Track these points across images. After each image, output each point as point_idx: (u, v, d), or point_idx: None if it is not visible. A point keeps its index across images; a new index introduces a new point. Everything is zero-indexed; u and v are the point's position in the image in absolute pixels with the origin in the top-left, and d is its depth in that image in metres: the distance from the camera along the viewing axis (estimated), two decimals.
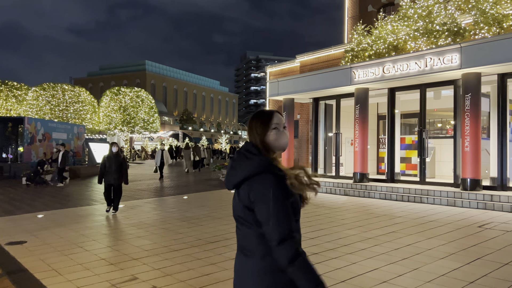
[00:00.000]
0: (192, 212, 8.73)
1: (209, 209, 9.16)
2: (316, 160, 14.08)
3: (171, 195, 11.95)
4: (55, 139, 25.08)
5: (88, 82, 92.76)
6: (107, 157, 8.42)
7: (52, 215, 8.46)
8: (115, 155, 8.39)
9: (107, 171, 8.34)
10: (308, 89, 13.16)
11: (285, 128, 1.74)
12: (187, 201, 10.53)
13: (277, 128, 1.70)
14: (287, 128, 9.04)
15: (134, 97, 37.63)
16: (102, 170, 8.43)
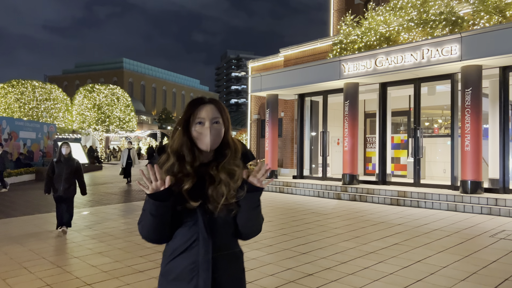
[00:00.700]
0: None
1: None
2: (301, 160, 13.17)
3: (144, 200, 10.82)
4: (23, 139, 23.43)
5: (63, 80, 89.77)
6: (56, 162, 6.58)
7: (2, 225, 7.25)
8: (66, 159, 6.56)
9: (55, 179, 6.50)
10: (293, 84, 12.24)
11: (217, 123, 1.53)
12: None
13: (202, 123, 1.52)
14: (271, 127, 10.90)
15: (109, 94, 36.02)
16: (48, 177, 6.56)
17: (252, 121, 16.58)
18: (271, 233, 6.41)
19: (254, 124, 16.51)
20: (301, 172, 13.14)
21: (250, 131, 16.66)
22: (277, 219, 7.59)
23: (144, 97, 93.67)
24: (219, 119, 1.53)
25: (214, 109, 1.53)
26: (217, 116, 1.52)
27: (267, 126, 13.24)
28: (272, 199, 10.58)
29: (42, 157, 24.84)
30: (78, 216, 8.24)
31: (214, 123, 1.51)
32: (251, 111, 16.69)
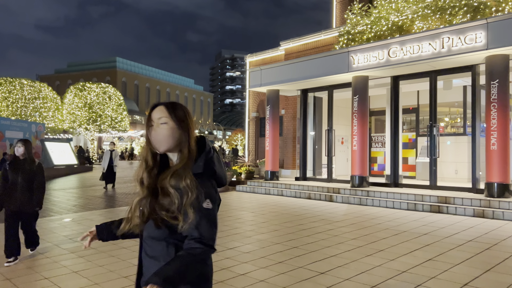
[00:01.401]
0: None
1: None
2: (304, 161, 12.26)
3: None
4: (9, 138, 22.30)
5: (55, 80, 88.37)
6: (9, 165, 4.94)
7: None
8: (21, 162, 4.90)
9: (8, 189, 4.86)
10: (295, 79, 11.33)
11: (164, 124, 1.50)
12: None
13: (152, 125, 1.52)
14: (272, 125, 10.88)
15: (100, 93, 34.90)
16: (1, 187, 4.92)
17: (250, 119, 15.66)
18: (280, 246, 5.48)
19: (252, 122, 15.59)
20: (304, 174, 12.23)
21: (248, 130, 15.73)
22: (284, 228, 6.66)
23: (138, 97, 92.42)
24: (167, 119, 1.50)
25: (162, 110, 1.52)
26: (163, 116, 1.50)
27: (268, 124, 12.32)
28: (275, 203, 9.66)
29: None
30: (58, 224, 7.27)
31: (161, 123, 1.50)
32: (249, 108, 15.76)
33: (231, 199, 10.59)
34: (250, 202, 9.93)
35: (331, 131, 11.53)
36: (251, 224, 7.06)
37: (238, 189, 12.15)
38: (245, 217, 7.80)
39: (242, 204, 9.62)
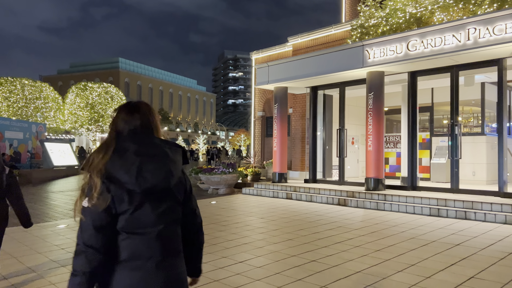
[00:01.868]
0: None
1: None
2: (314, 162, 11.63)
3: None
4: (9, 139, 21.78)
5: (58, 80, 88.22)
6: None
7: None
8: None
9: None
10: (305, 75, 10.70)
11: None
12: None
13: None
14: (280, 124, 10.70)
15: (102, 93, 34.43)
16: None
17: (256, 118, 15.04)
18: (296, 259, 4.85)
19: (258, 122, 14.97)
20: (313, 176, 11.59)
21: (253, 130, 15.11)
22: (299, 237, 6.03)
23: (141, 98, 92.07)
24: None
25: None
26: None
27: (275, 123, 11.70)
28: (285, 207, 9.03)
29: (30, 159, 23.19)
30: (51, 232, 6.67)
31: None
32: (254, 107, 15.14)
33: (237, 202, 9.97)
34: (258, 206, 9.31)
35: (343, 131, 10.89)
36: (261, 232, 6.44)
37: (245, 192, 11.53)
38: (254, 223, 7.18)
39: (250, 208, 9.00)
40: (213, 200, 10.38)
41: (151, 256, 1.53)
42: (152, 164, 1.52)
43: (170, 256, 1.58)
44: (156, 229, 1.55)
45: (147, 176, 1.50)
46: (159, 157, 1.54)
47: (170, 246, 1.58)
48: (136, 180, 1.49)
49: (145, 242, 1.53)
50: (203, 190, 12.40)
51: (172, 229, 1.61)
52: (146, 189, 1.51)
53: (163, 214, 1.56)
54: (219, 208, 9.08)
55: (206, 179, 11.50)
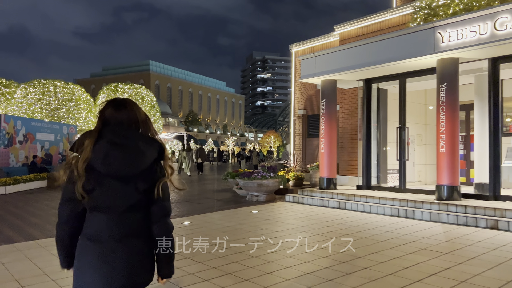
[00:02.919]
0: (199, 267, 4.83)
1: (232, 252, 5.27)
2: (368, 165, 10.17)
3: None
4: (40, 141, 21.40)
5: (91, 83, 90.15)
6: None
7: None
8: None
9: None
10: (358, 65, 9.28)
11: None
12: (191, 231, 6.64)
13: None
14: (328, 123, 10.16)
15: (133, 94, 34.00)
16: None
17: (296, 117, 13.69)
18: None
19: (298, 120, 13.62)
20: (367, 181, 10.14)
21: (293, 130, 13.77)
22: (376, 265, 4.65)
23: (171, 99, 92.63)
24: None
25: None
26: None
27: (323, 121, 10.33)
28: (341, 220, 7.64)
29: (61, 161, 22.79)
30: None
31: None
32: (294, 105, 13.80)
33: (282, 213, 8.66)
34: (307, 217, 7.97)
35: (404, 129, 9.38)
36: (324, 255, 5.09)
37: (288, 200, 10.22)
38: (312, 242, 5.83)
39: (299, 220, 7.67)
40: (254, 208, 9.13)
41: (110, 234, 1.77)
42: (119, 152, 1.75)
43: (129, 237, 1.80)
44: (117, 211, 1.79)
45: (112, 161, 1.74)
46: (127, 148, 1.77)
47: (128, 228, 1.80)
48: (102, 164, 1.74)
49: (107, 221, 1.78)
50: (240, 197, 11.18)
51: (132, 214, 1.82)
52: (109, 172, 1.76)
53: (123, 197, 1.79)
54: (263, 219, 7.80)
55: (244, 184, 10.27)
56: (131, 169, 1.77)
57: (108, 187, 1.77)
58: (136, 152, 1.77)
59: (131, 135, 1.80)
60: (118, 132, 1.79)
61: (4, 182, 13.50)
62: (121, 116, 1.82)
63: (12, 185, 13.89)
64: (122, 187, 1.78)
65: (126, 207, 1.79)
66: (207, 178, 19.48)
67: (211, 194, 12.16)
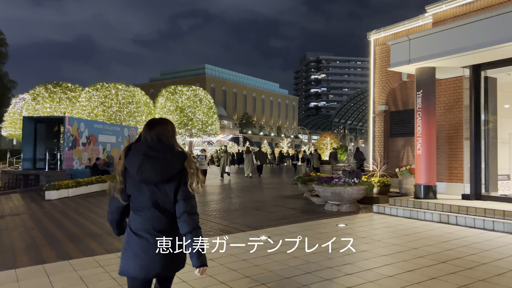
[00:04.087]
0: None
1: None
2: (478, 171, 8.32)
3: (239, 228, 6.91)
4: (102, 143, 21.43)
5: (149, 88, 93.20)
6: None
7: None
8: None
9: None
10: (469, 47, 7.50)
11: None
12: (277, 252, 5.34)
13: None
14: (426, 118, 8.53)
15: (191, 96, 33.79)
16: None
17: (377, 114, 12.00)
18: None
19: (379, 118, 11.92)
20: (476, 190, 8.28)
21: (373, 129, 12.09)
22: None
23: (225, 102, 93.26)
24: None
25: None
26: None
27: (419, 117, 8.63)
28: (460, 241, 5.97)
29: None
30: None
31: None
32: (374, 100, 12.12)
33: (376, 228, 7.12)
34: (411, 235, 6.38)
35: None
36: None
37: (377, 210, 8.64)
38: (446, 282, 4.29)
39: (403, 240, 6.10)
40: (339, 221, 7.67)
41: (146, 230, 2.22)
42: (150, 163, 2.18)
43: (161, 232, 2.22)
44: (150, 211, 2.22)
45: (144, 170, 2.17)
46: (156, 159, 2.19)
47: (159, 225, 2.22)
48: (137, 173, 2.19)
49: (143, 219, 2.23)
50: (316, 205, 9.77)
51: (162, 213, 2.23)
52: (143, 179, 2.19)
53: (155, 200, 2.22)
54: (356, 237, 6.34)
55: (323, 192, 8.84)
56: (160, 176, 2.19)
57: (142, 191, 2.22)
58: (164, 162, 2.19)
59: (161, 149, 2.24)
60: (150, 146, 2.23)
61: (67, 185, 13.16)
62: (153, 133, 2.28)
63: (75, 188, 13.56)
64: (153, 191, 2.21)
65: (158, 207, 2.22)
66: (271, 182, 18.24)
67: (281, 201, 10.86)
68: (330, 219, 7.95)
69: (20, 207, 10.90)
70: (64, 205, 11.06)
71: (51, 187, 12.62)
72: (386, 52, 11.80)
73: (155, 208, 2.21)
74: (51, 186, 12.63)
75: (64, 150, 18.38)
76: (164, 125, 2.32)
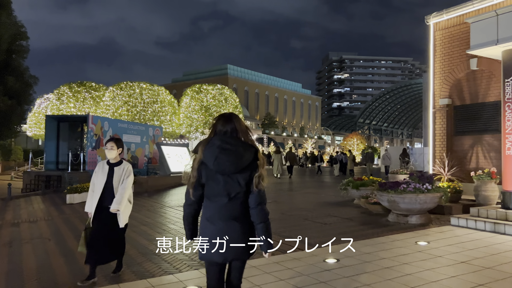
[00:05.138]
0: None
1: None
2: None
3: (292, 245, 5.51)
4: (126, 143, 20.43)
5: (172, 88, 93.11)
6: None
7: None
8: None
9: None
10: None
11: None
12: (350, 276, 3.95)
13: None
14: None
15: (217, 95, 32.68)
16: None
17: (437, 108, 10.42)
18: None
19: (440, 113, 10.34)
20: None
21: (433, 126, 10.51)
22: None
23: (248, 102, 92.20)
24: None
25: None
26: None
27: (509, 110, 7.08)
28: None
29: (147, 164, 21.72)
30: None
31: None
32: (434, 93, 10.54)
33: (469, 248, 5.61)
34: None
35: None
36: None
37: (455, 223, 7.11)
38: None
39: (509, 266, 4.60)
40: (416, 238, 6.21)
41: (219, 217, 2.42)
42: (225, 156, 2.38)
43: (233, 219, 2.42)
44: (224, 199, 2.41)
45: (220, 162, 2.38)
46: (231, 152, 2.38)
47: (232, 213, 2.42)
48: (213, 164, 2.39)
49: (217, 207, 2.43)
50: (374, 214, 8.32)
51: (235, 202, 2.43)
52: (218, 170, 2.40)
53: (228, 189, 2.42)
54: (452, 261, 4.87)
55: (388, 200, 7.37)
56: (234, 168, 2.38)
57: (218, 181, 2.42)
58: (237, 155, 2.38)
59: (234, 142, 2.41)
60: (224, 140, 2.41)
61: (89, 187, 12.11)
62: (226, 127, 2.47)
63: None
64: (227, 181, 2.41)
65: (231, 196, 2.41)
66: (305, 184, 16.79)
67: (330, 208, 9.43)
68: (402, 234, 6.49)
69: (39, 212, 9.88)
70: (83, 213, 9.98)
71: (72, 190, 11.59)
72: (449, 38, 10.22)
73: (228, 196, 2.41)
74: (72, 189, 11.60)
75: (87, 150, 17.46)
76: (235, 119, 2.50)
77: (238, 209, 2.41)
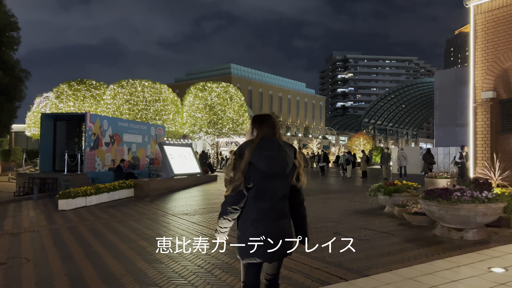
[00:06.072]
0: None
1: None
2: None
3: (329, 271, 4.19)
4: (127, 143, 19.18)
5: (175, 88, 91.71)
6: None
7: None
8: None
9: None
10: None
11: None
12: None
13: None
14: None
15: (221, 93, 31.40)
16: None
17: (479, 103, 9.11)
18: None
19: (483, 108, 9.03)
20: None
21: (473, 123, 9.20)
22: None
23: (251, 102, 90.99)
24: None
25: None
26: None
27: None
28: None
29: (149, 165, 20.47)
30: None
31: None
32: (475, 85, 9.23)
33: None
34: None
35: None
36: None
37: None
38: None
39: None
40: (487, 261, 4.91)
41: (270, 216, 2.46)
42: (275, 158, 2.44)
43: (281, 218, 2.50)
44: (274, 199, 2.46)
45: (272, 164, 2.43)
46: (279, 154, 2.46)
47: (281, 211, 2.50)
48: (264, 167, 2.42)
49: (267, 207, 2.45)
50: (416, 227, 7.02)
51: (283, 201, 2.51)
52: (272, 173, 2.44)
53: (279, 189, 2.48)
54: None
55: (440, 212, 6.06)
56: (284, 169, 2.46)
57: (269, 183, 2.44)
58: (285, 157, 2.47)
59: (280, 145, 2.49)
60: (272, 143, 2.48)
61: (84, 192, 10.85)
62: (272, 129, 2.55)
63: (94, 195, 11.25)
64: (278, 182, 2.46)
65: (280, 196, 2.48)
66: (322, 188, 15.48)
67: (359, 219, 8.11)
68: (465, 256, 5.19)
69: (25, 221, 8.64)
70: (79, 219, 8.73)
71: (65, 195, 10.34)
72: (494, 22, 8.91)
73: (278, 196, 2.47)
74: (64, 194, 10.35)
75: (85, 151, 16.23)
76: (274, 120, 2.59)
77: (285, 208, 2.53)
